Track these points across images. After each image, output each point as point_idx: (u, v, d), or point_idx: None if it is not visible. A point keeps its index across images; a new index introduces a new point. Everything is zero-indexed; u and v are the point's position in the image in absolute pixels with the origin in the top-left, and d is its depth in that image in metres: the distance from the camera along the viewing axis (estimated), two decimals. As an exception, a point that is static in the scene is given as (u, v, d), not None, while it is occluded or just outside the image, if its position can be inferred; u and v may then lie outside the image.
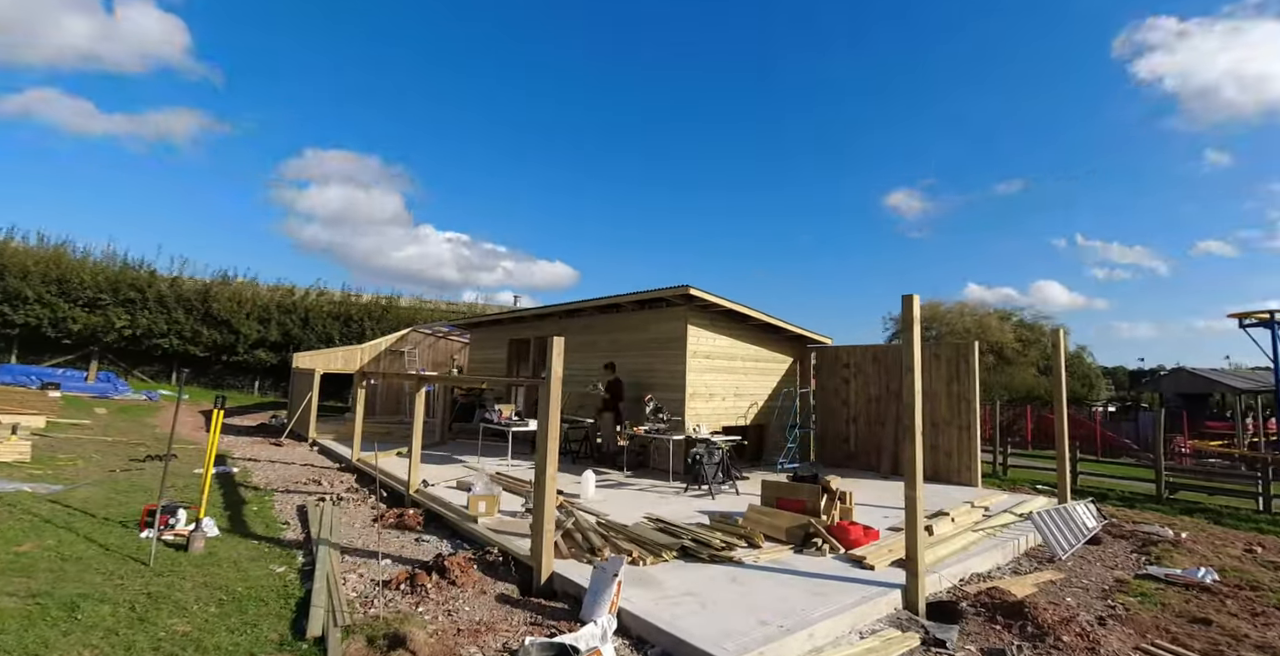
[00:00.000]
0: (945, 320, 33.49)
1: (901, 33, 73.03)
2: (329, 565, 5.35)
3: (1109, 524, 8.34)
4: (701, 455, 8.76)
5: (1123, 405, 32.85)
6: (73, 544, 5.73)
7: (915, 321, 5.24)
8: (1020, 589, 5.45)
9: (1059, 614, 4.68)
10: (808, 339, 12.80)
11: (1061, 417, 8.89)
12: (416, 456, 8.17)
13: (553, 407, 5.08)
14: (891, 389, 11.40)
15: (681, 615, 4.32)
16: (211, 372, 25.08)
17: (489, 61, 77.23)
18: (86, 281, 23.25)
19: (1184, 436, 20.73)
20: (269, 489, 8.78)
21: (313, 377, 14.09)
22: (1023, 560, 6.59)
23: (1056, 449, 8.80)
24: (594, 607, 4.37)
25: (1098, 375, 36.42)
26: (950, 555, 6.10)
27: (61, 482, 8.07)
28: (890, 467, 10.89)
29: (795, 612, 4.42)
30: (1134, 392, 34.42)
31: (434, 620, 4.43)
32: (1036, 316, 35.70)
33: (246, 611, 4.49)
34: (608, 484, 9.12)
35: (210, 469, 6.41)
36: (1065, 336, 8.19)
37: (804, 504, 6.86)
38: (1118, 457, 19.08)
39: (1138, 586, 5.86)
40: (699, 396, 10.72)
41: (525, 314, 14.79)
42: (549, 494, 5.03)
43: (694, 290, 9.95)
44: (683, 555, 5.72)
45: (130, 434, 13.21)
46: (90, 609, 4.28)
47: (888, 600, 4.86)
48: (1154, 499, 11.11)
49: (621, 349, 11.87)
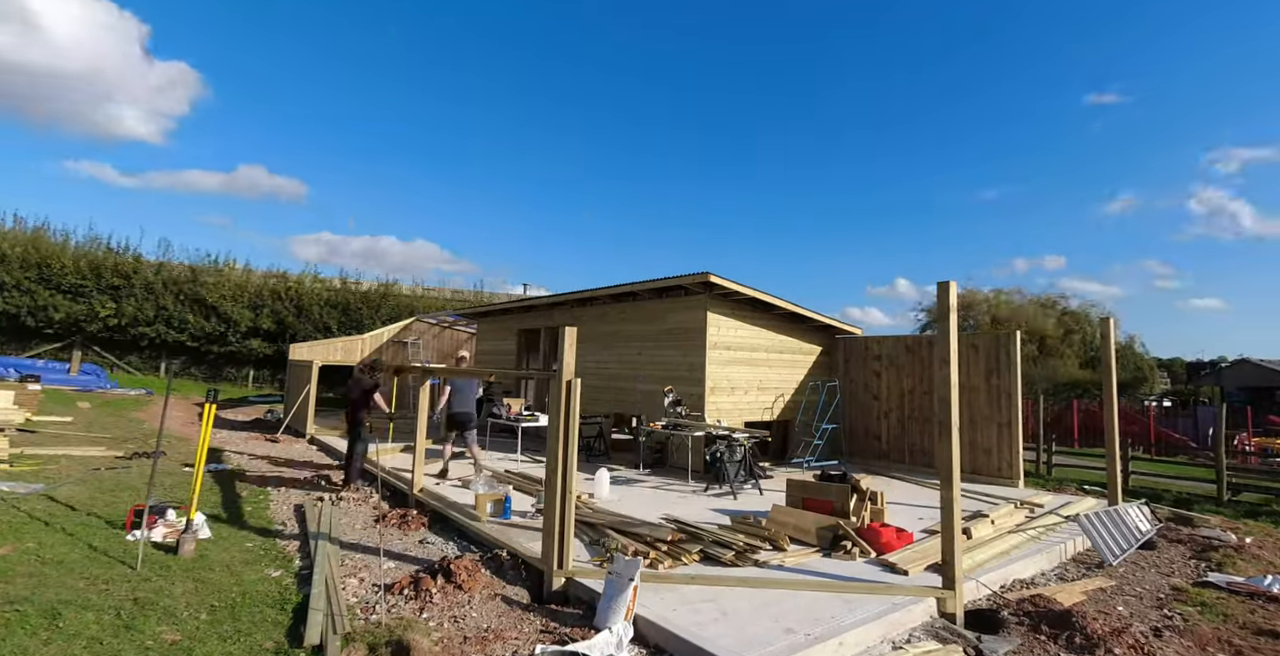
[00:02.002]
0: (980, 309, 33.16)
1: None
2: (328, 568, 5.41)
3: (1164, 527, 8.24)
4: (722, 452, 8.75)
5: (1180, 399, 32.40)
6: (54, 546, 5.74)
7: (952, 310, 5.18)
8: (1067, 597, 5.40)
9: (1110, 624, 4.64)
10: (836, 329, 12.72)
11: (1111, 412, 8.77)
12: (420, 453, 8.22)
13: (565, 402, 5.08)
14: (926, 382, 11.32)
15: (702, 622, 4.33)
16: (204, 364, 25.30)
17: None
18: (68, 267, 23.38)
19: (1248, 433, 20.41)
20: (264, 487, 8.88)
21: (310, 370, 14.23)
22: (1069, 566, 6.53)
23: (1106, 446, 8.70)
24: (609, 614, 4.39)
25: (1151, 367, 35.87)
26: (990, 560, 6.06)
27: (42, 481, 8.17)
28: (924, 466, 10.83)
29: (823, 620, 4.41)
30: (1192, 386, 33.95)
31: (439, 627, 4.46)
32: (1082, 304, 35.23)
33: (240, 618, 4.53)
34: (623, 481, 9.17)
35: (201, 466, 6.40)
36: (1115, 325, 8.05)
37: (832, 504, 6.84)
38: (1174, 456, 18.84)
39: (1197, 595, 5.78)
40: (720, 390, 10.70)
41: (536, 302, 14.82)
42: (560, 494, 5.05)
43: (714, 277, 9.91)
44: (703, 558, 5.73)
45: (116, 429, 13.40)
46: (72, 616, 4.27)
47: (922, 608, 4.84)
48: (1214, 500, 10.96)
49: (637, 340, 11.87)
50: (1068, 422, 22.29)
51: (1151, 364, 36.48)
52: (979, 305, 33.61)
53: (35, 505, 7.07)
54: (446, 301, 30.28)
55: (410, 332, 21.49)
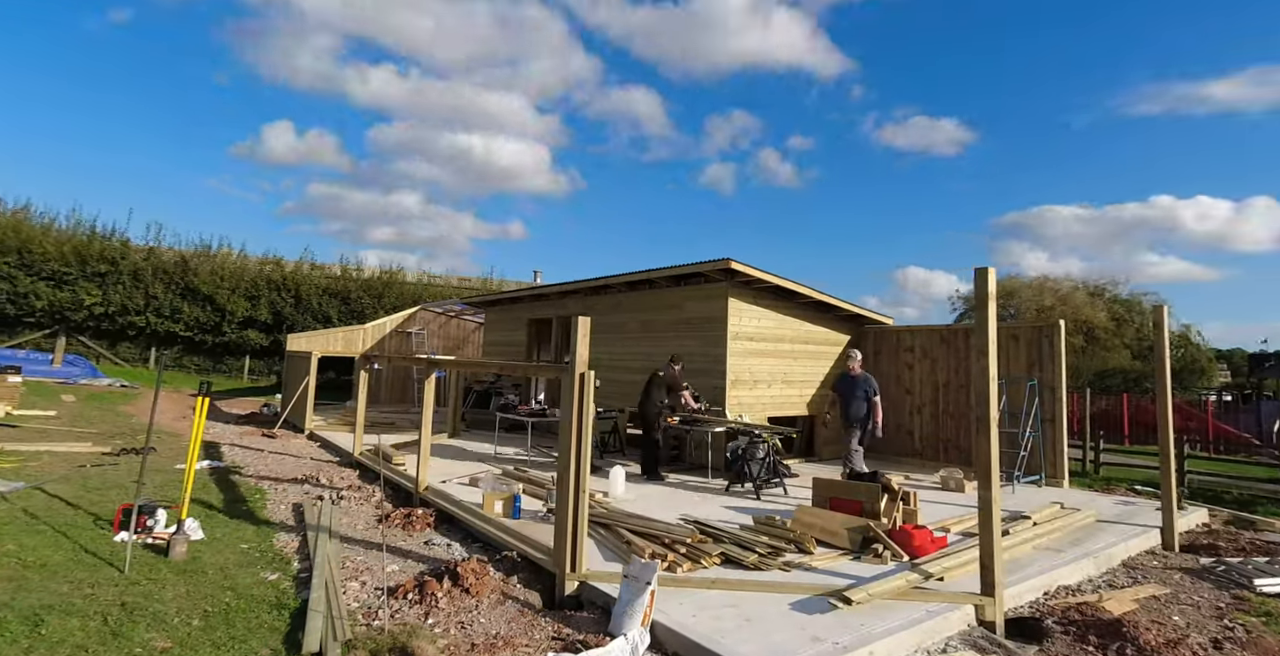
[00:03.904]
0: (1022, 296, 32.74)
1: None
2: (328, 571, 5.45)
3: (1225, 531, 8.14)
4: (744, 449, 8.75)
5: (1240, 392, 31.93)
6: (36, 548, 5.76)
7: (990, 298, 5.13)
8: (1117, 605, 5.35)
9: (1165, 634, 4.59)
10: (864, 318, 12.65)
11: (1165, 406, 8.61)
12: (426, 450, 8.28)
13: (579, 396, 5.08)
14: (962, 375, 11.23)
15: (723, 629, 4.33)
16: (199, 354, 25.43)
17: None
18: (50, 252, 23.35)
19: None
20: (260, 486, 8.97)
21: (309, 361, 14.35)
22: (1119, 571, 6.47)
23: (1160, 443, 8.55)
24: (624, 619, 4.40)
25: (1210, 359, 35.29)
26: (1032, 564, 6.02)
27: (24, 479, 8.23)
28: (960, 464, 10.76)
29: (853, 628, 4.40)
30: (1254, 379, 33.43)
31: (445, 633, 4.49)
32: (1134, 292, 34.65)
33: (234, 624, 4.55)
34: (638, 479, 9.19)
35: (194, 463, 6.42)
36: (1169, 314, 7.91)
37: (861, 505, 6.82)
38: (1234, 454, 18.58)
39: (1261, 604, 5.69)
40: (742, 383, 10.68)
41: (547, 291, 14.85)
42: (574, 493, 5.06)
43: (735, 263, 9.89)
44: (724, 561, 5.74)
45: (103, 424, 13.55)
46: (56, 622, 4.29)
47: (959, 615, 4.81)
48: (1279, 502, 10.79)
49: (654, 330, 11.86)
50: (1117, 417, 22.03)
51: (1210, 355, 35.89)
52: (1020, 292, 33.20)
53: (16, 504, 7.12)
54: (453, 289, 30.31)
55: (415, 322, 21.61)
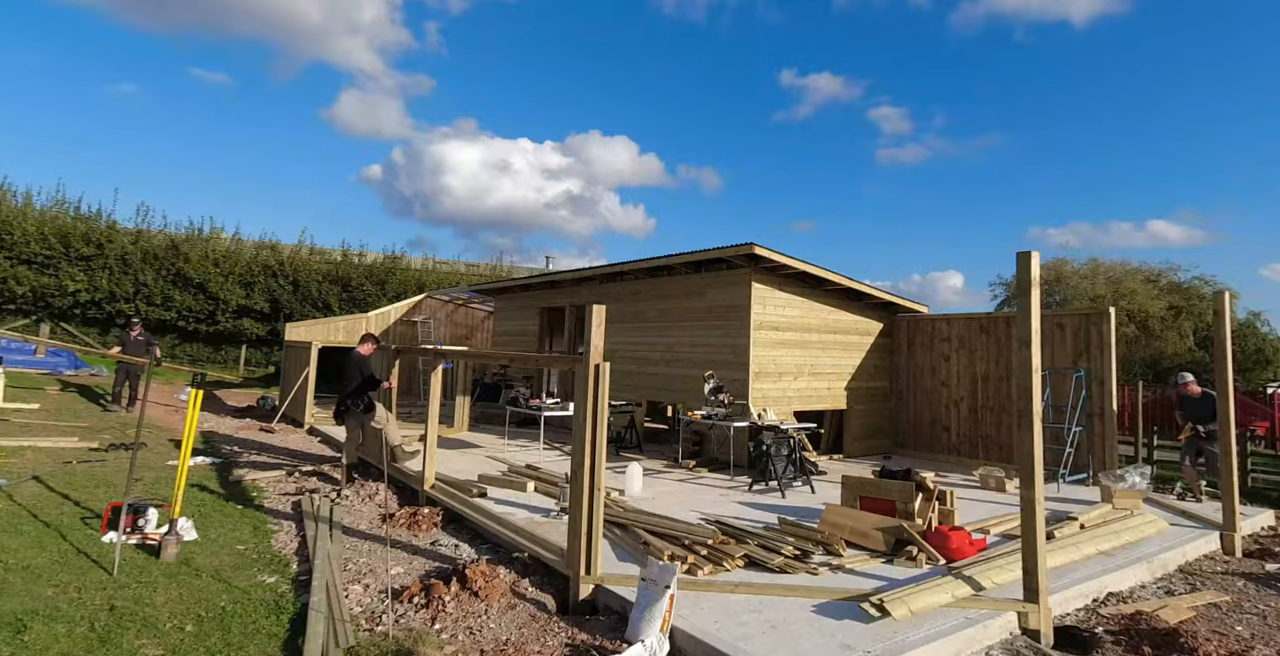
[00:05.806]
0: (1071, 283, 32.30)
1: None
2: (329, 574, 5.50)
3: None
4: (769, 445, 8.74)
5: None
6: (19, 550, 5.80)
7: (1034, 284, 5.07)
8: (1173, 614, 5.30)
9: (1228, 646, 4.54)
10: (898, 307, 12.56)
11: (1226, 400, 8.50)
12: (433, 445, 8.33)
13: (593, 389, 5.07)
14: (1004, 366, 11.13)
15: (748, 636, 4.33)
16: (196, 342, 25.51)
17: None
18: (31, 233, 23.15)
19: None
20: (257, 483, 9.06)
21: (309, 352, 14.43)
22: (1174, 578, 6.40)
23: (1219, 440, 8.46)
24: (641, 625, 4.41)
25: (1277, 348, 34.69)
26: (1079, 570, 5.97)
27: (5, 476, 8.29)
28: (1001, 461, 10.68)
29: (885, 636, 4.38)
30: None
31: (453, 639, 4.51)
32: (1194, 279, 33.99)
33: (230, 630, 4.57)
34: (657, 476, 9.21)
35: (187, 459, 6.44)
36: (1230, 300, 7.78)
37: (893, 505, 6.79)
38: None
39: (1330, 613, 5.62)
40: (766, 375, 10.65)
41: (560, 278, 14.88)
42: (588, 492, 5.07)
43: (759, 248, 9.86)
44: (748, 564, 5.74)
45: (90, 418, 13.60)
46: (40, 628, 4.31)
47: (1001, 623, 4.78)
48: (1349, 504, 10.63)
49: (673, 319, 11.83)
50: (1172, 411, 21.72)
51: (1277, 344, 35.27)
52: (1069, 279, 32.74)
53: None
54: (461, 276, 30.35)
55: (421, 311, 21.67)
